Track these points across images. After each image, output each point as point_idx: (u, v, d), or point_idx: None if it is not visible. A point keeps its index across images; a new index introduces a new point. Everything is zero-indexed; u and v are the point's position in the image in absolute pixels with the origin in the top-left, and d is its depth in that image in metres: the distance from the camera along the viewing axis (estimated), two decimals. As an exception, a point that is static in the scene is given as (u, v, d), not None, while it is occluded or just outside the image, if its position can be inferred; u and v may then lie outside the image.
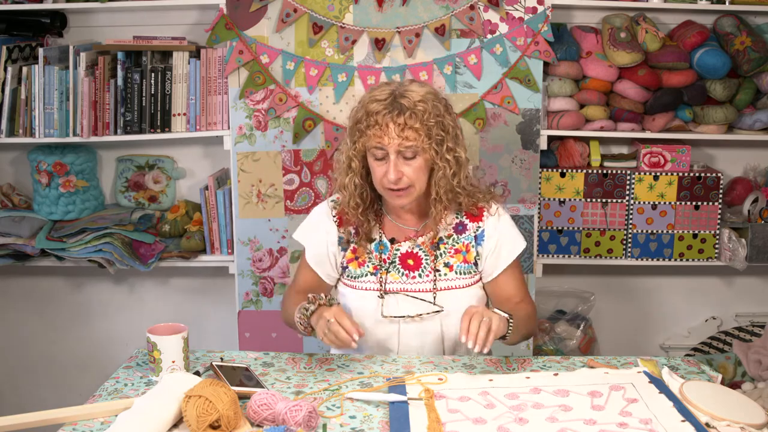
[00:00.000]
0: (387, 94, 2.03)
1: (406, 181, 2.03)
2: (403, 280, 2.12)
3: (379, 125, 2.00)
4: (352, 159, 2.08)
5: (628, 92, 3.04)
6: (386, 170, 2.01)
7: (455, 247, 2.13)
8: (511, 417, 1.72)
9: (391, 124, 1.99)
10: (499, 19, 2.92)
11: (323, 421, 1.71)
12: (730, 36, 3.05)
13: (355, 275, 2.15)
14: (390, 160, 2.01)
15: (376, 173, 2.05)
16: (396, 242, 2.14)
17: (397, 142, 1.99)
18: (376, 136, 2.00)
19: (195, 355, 2.08)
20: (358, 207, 2.11)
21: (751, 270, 3.26)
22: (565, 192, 3.14)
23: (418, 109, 1.99)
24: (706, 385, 1.85)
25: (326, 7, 2.89)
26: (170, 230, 3.16)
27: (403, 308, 2.11)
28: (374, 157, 2.04)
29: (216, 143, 3.14)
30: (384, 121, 1.99)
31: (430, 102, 2.02)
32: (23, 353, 3.45)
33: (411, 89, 2.04)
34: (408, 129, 1.99)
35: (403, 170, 2.01)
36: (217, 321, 3.37)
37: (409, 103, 2.00)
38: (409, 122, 1.99)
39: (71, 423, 1.73)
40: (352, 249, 2.16)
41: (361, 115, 2.04)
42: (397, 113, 1.99)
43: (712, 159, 3.32)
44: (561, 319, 3.34)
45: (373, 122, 2.00)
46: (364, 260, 2.14)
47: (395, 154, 2.01)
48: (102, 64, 2.96)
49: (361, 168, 2.09)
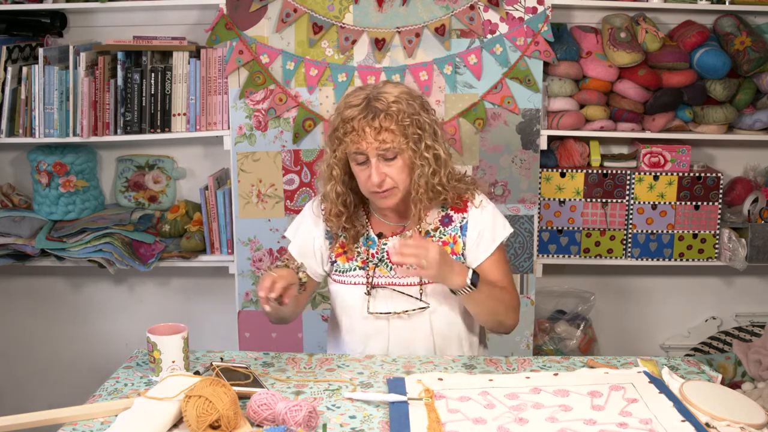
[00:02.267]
0: (361, 98, 2.03)
1: (390, 183, 2.04)
2: (392, 274, 2.12)
3: (356, 131, 2.00)
4: (333, 167, 2.09)
5: (628, 92, 3.04)
6: (369, 174, 2.02)
7: (443, 239, 2.14)
8: (511, 417, 1.72)
9: (367, 128, 2.00)
10: (499, 19, 2.92)
11: (323, 421, 1.71)
12: (730, 36, 3.06)
13: (343, 269, 2.16)
14: (371, 164, 2.02)
15: (359, 178, 2.06)
16: (383, 237, 2.15)
17: (375, 146, 2.00)
18: (354, 142, 2.01)
19: (195, 355, 2.08)
20: (341, 215, 2.12)
21: (751, 270, 3.26)
22: (565, 192, 3.14)
23: (391, 110, 2.00)
24: (706, 385, 1.85)
25: (326, 7, 2.90)
26: (170, 230, 3.16)
27: (390, 304, 2.12)
28: (356, 162, 2.04)
29: (216, 143, 3.15)
30: (360, 126, 2.00)
31: (404, 102, 2.02)
32: (23, 353, 3.45)
33: (385, 91, 2.04)
34: (384, 131, 2.00)
35: (385, 171, 2.02)
36: (217, 321, 3.37)
37: (383, 105, 2.00)
38: (384, 124, 1.99)
39: (71, 423, 1.73)
40: (340, 243, 2.17)
41: (338, 122, 2.05)
42: (372, 117, 1.99)
43: (712, 159, 3.32)
44: (561, 319, 3.34)
45: (349, 129, 2.01)
46: (352, 255, 2.15)
47: (375, 158, 2.01)
48: (102, 64, 2.96)
49: (343, 175, 2.09)
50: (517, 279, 3.03)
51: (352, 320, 2.15)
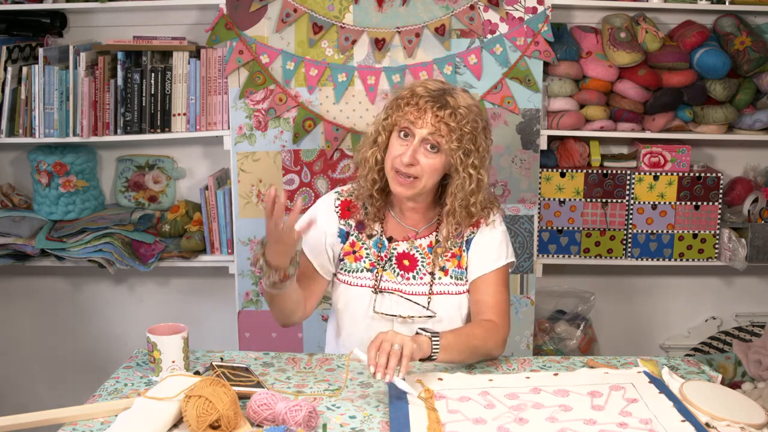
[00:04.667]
0: (437, 87, 2.03)
1: (417, 170, 2.01)
2: (398, 280, 2.11)
3: (419, 107, 1.99)
4: (380, 132, 2.07)
5: (628, 92, 3.04)
6: (404, 151, 2.00)
7: (452, 251, 2.12)
8: (511, 417, 1.72)
9: (429, 112, 1.98)
10: (499, 19, 2.92)
11: (323, 421, 1.71)
12: (730, 36, 3.06)
13: (350, 269, 2.14)
14: (412, 144, 2.00)
15: (392, 150, 2.03)
16: (394, 241, 2.13)
17: (427, 130, 1.98)
18: (411, 114, 1.99)
19: (195, 355, 2.08)
20: (375, 183, 2.09)
21: (751, 270, 3.26)
22: (565, 192, 3.14)
23: (459, 112, 1.99)
24: (706, 385, 1.85)
25: (326, 7, 2.90)
26: (170, 230, 3.16)
27: (396, 308, 2.11)
28: (399, 134, 2.02)
29: (216, 143, 3.14)
30: (424, 106, 1.99)
31: (473, 113, 2.02)
32: (23, 353, 3.45)
33: (461, 94, 2.04)
34: (443, 123, 1.98)
35: (419, 158, 2.00)
36: (217, 321, 3.37)
37: (455, 103, 2.00)
38: (446, 119, 1.98)
39: (71, 423, 1.73)
40: (350, 242, 2.15)
41: (406, 92, 2.03)
42: (439, 106, 1.98)
43: (712, 159, 3.32)
44: (561, 319, 3.34)
45: (414, 102, 2.00)
46: (361, 255, 2.13)
47: (420, 141, 1.99)
48: (102, 64, 2.96)
49: (386, 146, 2.07)
50: (517, 279, 3.03)
51: (355, 321, 2.13)
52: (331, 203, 2.18)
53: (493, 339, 2.02)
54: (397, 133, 2.03)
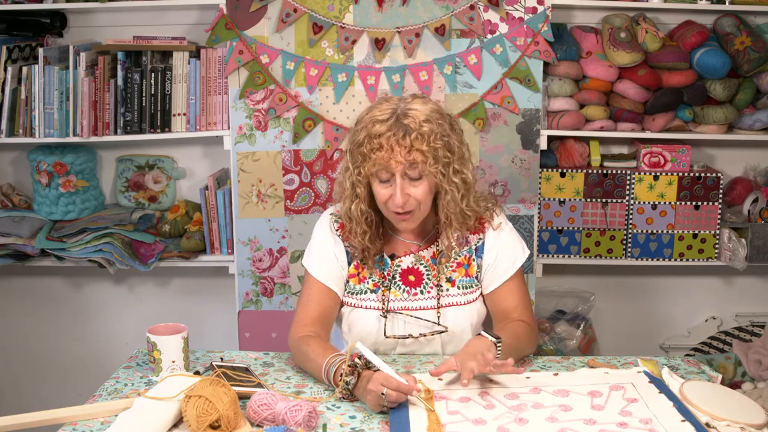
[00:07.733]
0: (388, 113, 1.92)
1: (412, 204, 1.95)
2: (405, 297, 2.06)
3: (384, 148, 1.89)
4: (356, 185, 1.98)
5: (628, 92, 3.04)
6: (392, 193, 1.94)
7: (457, 261, 2.08)
8: (511, 417, 1.72)
9: (396, 147, 1.89)
10: (499, 19, 2.92)
11: (323, 421, 1.71)
12: (730, 36, 3.05)
13: (354, 291, 2.09)
14: (396, 183, 1.92)
15: (380, 196, 1.97)
16: (396, 258, 2.08)
17: (402, 166, 1.91)
18: (381, 159, 1.90)
19: (195, 355, 2.08)
20: (366, 234, 2.02)
21: (751, 270, 3.26)
22: (565, 192, 3.14)
23: (423, 131, 1.90)
24: (706, 385, 1.85)
25: (326, 7, 2.89)
26: (170, 230, 3.16)
27: (407, 328, 2.06)
28: (379, 179, 1.95)
29: (216, 143, 3.14)
30: (389, 144, 1.89)
31: (435, 121, 1.92)
32: (23, 353, 3.45)
33: (414, 107, 1.93)
34: (414, 151, 1.89)
35: (409, 192, 1.94)
36: (217, 321, 3.37)
37: (414, 123, 1.90)
38: (415, 144, 1.89)
39: (71, 423, 1.73)
40: (354, 264, 2.09)
41: (363, 137, 1.93)
42: (402, 135, 1.89)
43: (712, 159, 3.32)
44: (561, 319, 3.34)
45: (377, 145, 1.90)
46: (364, 276, 2.08)
47: (401, 177, 1.92)
48: (102, 64, 2.96)
49: (367, 194, 2.00)
50: (517, 279, 3.02)
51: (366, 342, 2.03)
52: (332, 226, 2.11)
53: (532, 339, 2.05)
54: (376, 181, 1.96)
